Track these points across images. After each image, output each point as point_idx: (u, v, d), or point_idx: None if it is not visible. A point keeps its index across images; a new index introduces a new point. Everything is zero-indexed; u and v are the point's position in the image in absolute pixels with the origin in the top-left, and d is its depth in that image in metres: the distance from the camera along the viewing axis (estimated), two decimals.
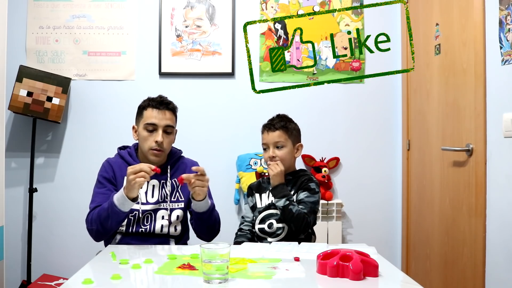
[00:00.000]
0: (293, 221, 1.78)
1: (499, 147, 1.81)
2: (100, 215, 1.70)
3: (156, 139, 1.80)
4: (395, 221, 2.84)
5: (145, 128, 1.83)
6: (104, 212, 1.68)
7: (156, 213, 1.81)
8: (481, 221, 1.88)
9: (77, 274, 1.29)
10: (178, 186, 1.88)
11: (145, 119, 1.84)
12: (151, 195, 1.83)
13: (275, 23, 2.81)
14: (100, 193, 1.82)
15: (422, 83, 2.51)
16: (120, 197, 1.63)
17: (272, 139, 1.89)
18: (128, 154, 1.90)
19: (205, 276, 1.21)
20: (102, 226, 1.70)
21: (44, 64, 2.78)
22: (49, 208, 2.79)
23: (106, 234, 1.75)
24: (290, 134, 1.91)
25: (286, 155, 1.90)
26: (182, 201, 1.87)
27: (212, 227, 1.84)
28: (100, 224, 1.70)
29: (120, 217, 1.68)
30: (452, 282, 2.13)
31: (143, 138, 1.83)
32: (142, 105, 1.89)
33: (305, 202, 1.84)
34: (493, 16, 1.82)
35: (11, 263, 2.68)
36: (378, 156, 2.85)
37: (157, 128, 1.82)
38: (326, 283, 1.23)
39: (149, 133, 1.82)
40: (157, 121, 1.82)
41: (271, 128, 1.90)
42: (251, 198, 2.01)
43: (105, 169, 1.88)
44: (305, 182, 1.89)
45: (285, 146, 1.89)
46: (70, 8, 2.81)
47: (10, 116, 2.75)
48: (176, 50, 2.82)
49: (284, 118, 1.95)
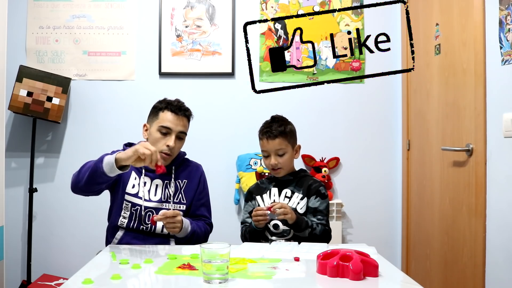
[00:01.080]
0: (320, 240, 1.79)
1: (499, 147, 1.81)
2: (82, 168, 1.66)
3: (168, 143, 1.80)
4: (395, 221, 2.84)
5: (158, 130, 1.82)
6: (87, 166, 1.64)
7: (158, 213, 1.81)
8: (481, 221, 1.88)
9: (77, 274, 1.29)
10: (182, 187, 1.88)
11: (160, 121, 1.82)
12: (154, 193, 1.84)
13: (275, 23, 2.81)
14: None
15: (422, 83, 2.51)
16: (110, 160, 1.54)
17: (273, 147, 1.88)
18: None
19: (205, 276, 1.21)
20: (79, 175, 1.65)
21: (44, 64, 2.78)
22: (49, 208, 2.79)
23: (81, 188, 1.66)
24: (290, 139, 1.90)
25: (288, 161, 1.90)
26: (184, 203, 1.87)
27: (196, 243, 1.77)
28: (79, 172, 1.66)
29: (97, 176, 1.58)
30: (452, 282, 2.13)
31: (154, 139, 1.82)
32: (159, 106, 1.86)
33: (320, 211, 1.86)
34: (493, 16, 1.82)
35: (11, 263, 2.68)
36: (378, 156, 2.85)
37: (171, 132, 1.81)
38: (326, 283, 1.23)
39: (162, 135, 1.81)
40: (173, 126, 1.81)
41: (270, 136, 1.87)
42: (251, 203, 2.00)
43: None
44: (315, 187, 1.89)
45: (286, 152, 1.89)
46: (70, 8, 2.81)
47: (10, 116, 2.76)
48: (176, 50, 2.82)
49: (281, 122, 1.91)
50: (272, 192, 1.93)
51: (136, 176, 1.84)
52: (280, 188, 1.93)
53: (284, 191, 1.91)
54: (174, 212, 1.70)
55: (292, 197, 1.89)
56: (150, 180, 1.85)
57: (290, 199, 1.89)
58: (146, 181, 1.84)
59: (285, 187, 1.92)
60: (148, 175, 1.85)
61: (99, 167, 1.56)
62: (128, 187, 1.82)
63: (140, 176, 1.84)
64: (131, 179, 1.84)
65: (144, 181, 1.84)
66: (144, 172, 1.85)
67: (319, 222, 1.84)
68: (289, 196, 1.90)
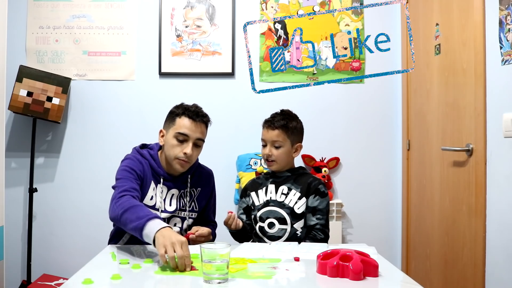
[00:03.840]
0: (322, 242, 1.79)
1: (499, 147, 1.81)
2: (129, 210, 1.52)
3: (185, 151, 1.73)
4: (395, 221, 2.84)
5: (175, 137, 1.74)
6: (133, 214, 1.50)
7: (169, 220, 1.80)
8: (481, 221, 1.88)
9: (77, 274, 1.29)
10: (195, 196, 1.87)
11: (177, 127, 1.75)
12: (169, 203, 1.80)
13: (275, 23, 2.81)
14: (131, 180, 1.68)
15: (422, 83, 2.51)
16: (150, 232, 1.41)
17: (270, 138, 1.88)
18: (151, 156, 1.81)
19: (205, 276, 1.21)
20: (121, 217, 1.54)
21: (44, 64, 2.78)
22: (49, 208, 2.79)
23: (119, 225, 1.61)
24: (290, 134, 1.89)
25: (282, 155, 1.88)
26: (197, 211, 1.87)
27: None
28: (121, 214, 1.54)
29: (134, 234, 1.51)
30: (452, 282, 2.13)
31: (171, 146, 1.76)
32: (176, 112, 1.78)
33: (320, 209, 1.85)
34: (493, 16, 1.82)
35: (11, 263, 2.68)
36: (378, 156, 2.85)
37: (188, 139, 1.74)
38: (326, 283, 1.23)
39: (179, 142, 1.74)
40: (191, 132, 1.74)
41: (270, 126, 1.88)
42: (246, 199, 1.99)
43: (136, 165, 1.75)
44: (314, 185, 1.87)
45: (282, 146, 1.88)
46: (70, 8, 2.81)
47: (10, 116, 2.76)
48: (176, 50, 2.82)
49: (287, 116, 1.91)
50: (269, 189, 1.91)
51: (154, 186, 1.79)
52: (277, 185, 1.90)
53: (281, 188, 1.89)
54: (208, 231, 1.72)
55: (289, 194, 1.87)
56: (167, 190, 1.80)
57: (287, 196, 1.87)
58: (163, 190, 1.80)
59: (282, 184, 1.90)
60: (166, 184, 1.80)
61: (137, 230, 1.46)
62: (146, 199, 1.76)
63: (157, 185, 1.79)
64: (150, 190, 1.77)
65: (161, 190, 1.79)
66: (162, 182, 1.79)
67: (318, 222, 1.83)
68: (286, 193, 1.88)
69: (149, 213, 1.48)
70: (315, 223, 1.83)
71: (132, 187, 1.65)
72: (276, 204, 1.87)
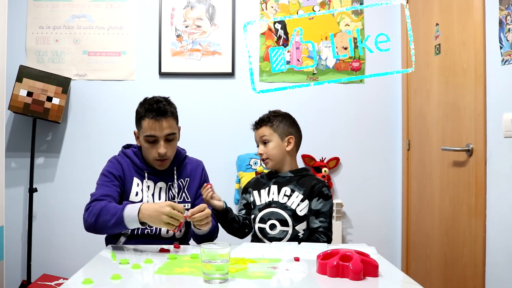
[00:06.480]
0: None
1: (499, 147, 1.81)
2: (101, 213, 1.59)
3: (159, 151, 1.74)
4: (395, 221, 2.84)
5: (146, 140, 1.75)
6: (107, 214, 1.58)
7: None
8: (481, 221, 1.88)
9: (77, 274, 1.29)
10: (185, 186, 1.86)
11: (144, 130, 1.75)
12: (158, 196, 1.81)
13: (275, 23, 2.81)
14: (105, 185, 1.74)
15: (422, 83, 2.51)
16: (133, 216, 1.53)
17: (258, 136, 1.92)
18: (134, 154, 1.85)
19: (205, 276, 1.21)
20: (96, 223, 1.60)
21: (44, 64, 2.78)
22: (49, 208, 2.79)
23: (97, 232, 1.65)
24: (276, 128, 1.90)
25: (273, 150, 1.89)
26: (189, 202, 1.85)
27: (209, 239, 1.77)
28: (96, 221, 1.60)
29: (119, 229, 1.60)
30: (452, 282, 2.13)
31: (145, 149, 1.78)
32: (140, 113, 1.78)
33: (323, 212, 1.84)
34: (493, 16, 1.82)
35: (11, 263, 2.68)
36: (378, 156, 2.85)
37: (158, 139, 1.74)
38: (326, 283, 1.23)
39: (151, 144, 1.75)
40: (158, 133, 1.73)
41: (256, 126, 1.93)
42: (246, 196, 1.99)
43: (114, 166, 1.81)
44: (318, 188, 1.86)
45: (270, 140, 1.89)
46: (70, 8, 2.81)
47: (10, 116, 2.75)
48: (176, 50, 2.82)
49: (272, 113, 1.94)
50: (271, 190, 1.90)
51: (138, 182, 1.80)
52: (280, 186, 1.89)
53: (283, 189, 1.88)
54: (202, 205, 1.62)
55: (291, 196, 1.86)
56: (154, 184, 1.81)
57: (289, 198, 1.86)
58: (150, 184, 1.81)
59: (285, 185, 1.89)
60: (151, 178, 1.81)
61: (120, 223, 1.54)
62: (132, 196, 1.78)
63: (143, 180, 1.80)
64: (134, 187, 1.79)
65: (147, 185, 1.80)
66: (147, 176, 1.81)
67: (321, 225, 1.83)
68: (288, 195, 1.86)
69: (119, 206, 1.59)
70: (318, 226, 1.83)
71: (102, 194, 1.70)
72: (278, 205, 1.86)
